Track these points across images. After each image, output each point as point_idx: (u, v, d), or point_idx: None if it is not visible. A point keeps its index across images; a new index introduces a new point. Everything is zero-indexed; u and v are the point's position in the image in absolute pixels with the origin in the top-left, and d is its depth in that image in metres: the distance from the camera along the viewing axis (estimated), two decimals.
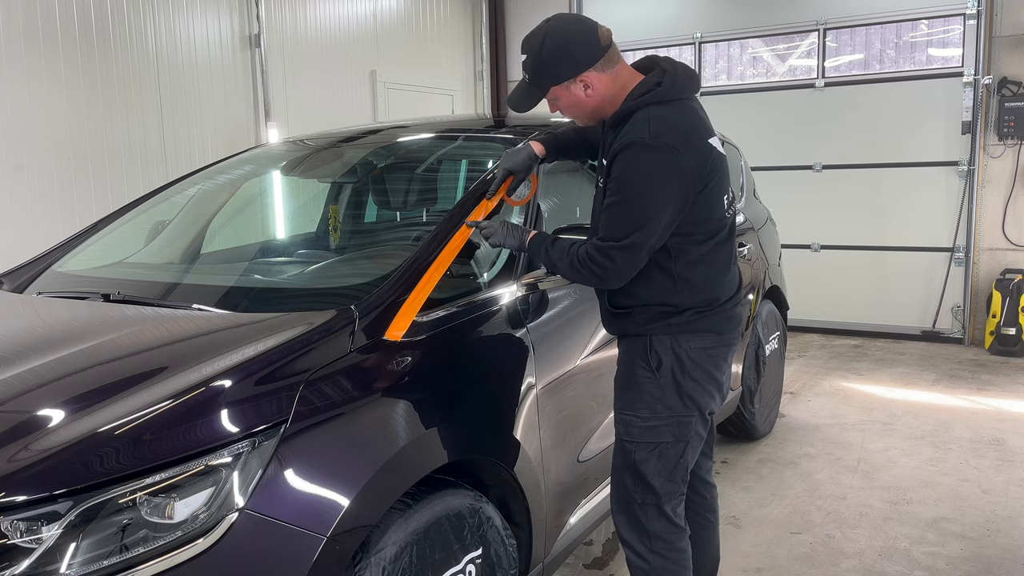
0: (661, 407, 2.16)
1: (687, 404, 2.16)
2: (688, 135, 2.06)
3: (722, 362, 2.22)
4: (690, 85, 2.14)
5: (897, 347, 6.60)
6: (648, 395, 2.17)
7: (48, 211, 4.64)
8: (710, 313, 2.17)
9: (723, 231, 2.19)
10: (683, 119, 2.08)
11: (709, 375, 2.18)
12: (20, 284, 2.72)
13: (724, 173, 2.17)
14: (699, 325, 2.15)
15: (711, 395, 2.21)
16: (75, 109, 4.77)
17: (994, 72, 6.23)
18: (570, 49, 2.10)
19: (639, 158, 2.01)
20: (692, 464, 2.26)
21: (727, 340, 2.23)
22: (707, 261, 2.15)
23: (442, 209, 3.04)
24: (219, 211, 3.34)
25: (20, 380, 1.84)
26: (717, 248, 2.17)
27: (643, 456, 2.19)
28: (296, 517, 1.66)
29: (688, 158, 2.02)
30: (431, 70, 7.66)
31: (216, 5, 5.59)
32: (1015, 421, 4.70)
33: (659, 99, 2.07)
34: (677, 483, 2.21)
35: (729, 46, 7.34)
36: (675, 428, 2.17)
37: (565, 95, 2.15)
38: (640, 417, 2.18)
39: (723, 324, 2.20)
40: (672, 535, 2.22)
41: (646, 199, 2.01)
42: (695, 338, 2.15)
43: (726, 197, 2.19)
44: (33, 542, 1.48)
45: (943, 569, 3.07)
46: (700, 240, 2.13)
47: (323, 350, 1.88)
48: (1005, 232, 6.38)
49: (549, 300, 2.54)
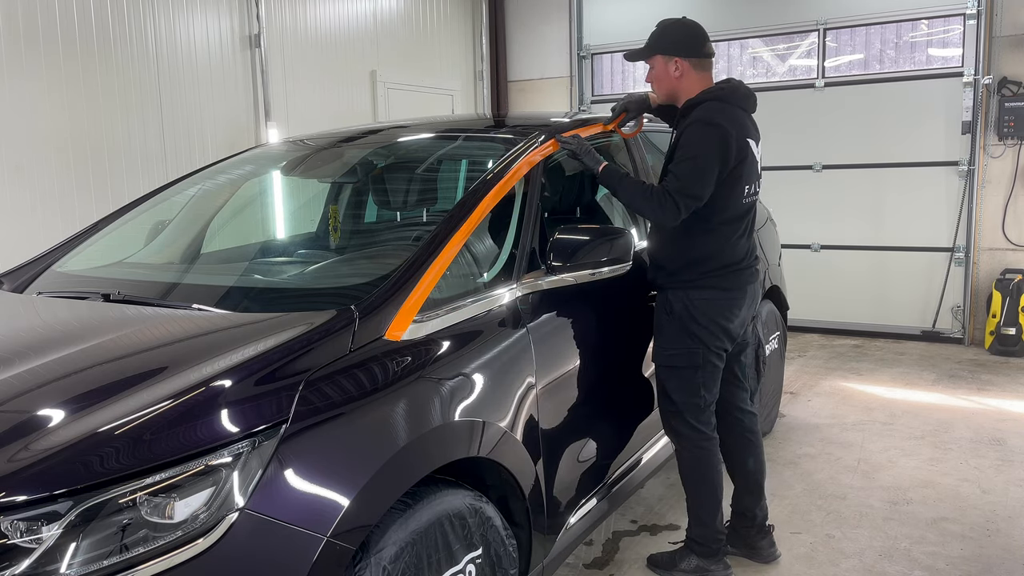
0: (676, 342, 2.86)
1: (694, 340, 2.83)
2: (733, 126, 2.73)
3: (726, 311, 2.85)
4: (746, 100, 2.88)
5: (897, 347, 6.60)
6: (667, 333, 2.88)
7: (48, 211, 4.64)
8: (713, 274, 2.83)
9: (738, 212, 2.82)
10: (733, 116, 2.78)
11: (712, 320, 2.83)
12: (20, 284, 2.72)
13: (752, 169, 2.83)
14: (704, 283, 2.83)
15: (716, 336, 2.84)
16: (75, 109, 4.77)
17: (994, 72, 6.23)
18: (686, 38, 2.86)
19: (698, 131, 2.72)
20: (711, 388, 2.90)
21: (730, 295, 2.86)
22: (718, 233, 2.82)
23: (442, 209, 3.04)
24: (219, 211, 3.34)
25: (20, 380, 1.84)
26: (729, 224, 2.82)
27: (665, 376, 2.91)
28: (296, 517, 1.66)
29: (730, 139, 2.71)
30: (431, 70, 7.66)
31: (216, 5, 5.59)
32: (1015, 421, 4.70)
33: (719, 98, 2.80)
34: (695, 399, 2.87)
35: (729, 46, 7.34)
36: (686, 357, 2.84)
37: (660, 66, 2.88)
38: (663, 348, 2.90)
39: (726, 281, 2.85)
40: (695, 437, 2.90)
41: (700, 160, 2.68)
42: (701, 292, 2.83)
43: (747, 188, 2.82)
44: (33, 542, 1.48)
45: (943, 569, 3.07)
46: (716, 216, 2.78)
47: (323, 350, 1.88)
48: (1005, 232, 6.38)
49: (549, 300, 2.54)
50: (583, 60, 8.07)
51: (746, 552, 3.14)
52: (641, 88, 7.86)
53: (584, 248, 2.44)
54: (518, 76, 8.41)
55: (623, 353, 3.02)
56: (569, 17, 8.03)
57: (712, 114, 2.73)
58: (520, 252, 2.51)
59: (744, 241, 2.89)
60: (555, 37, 8.14)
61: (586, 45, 8.03)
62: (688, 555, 3.01)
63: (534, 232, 2.59)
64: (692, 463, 2.94)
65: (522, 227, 2.56)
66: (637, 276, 3.03)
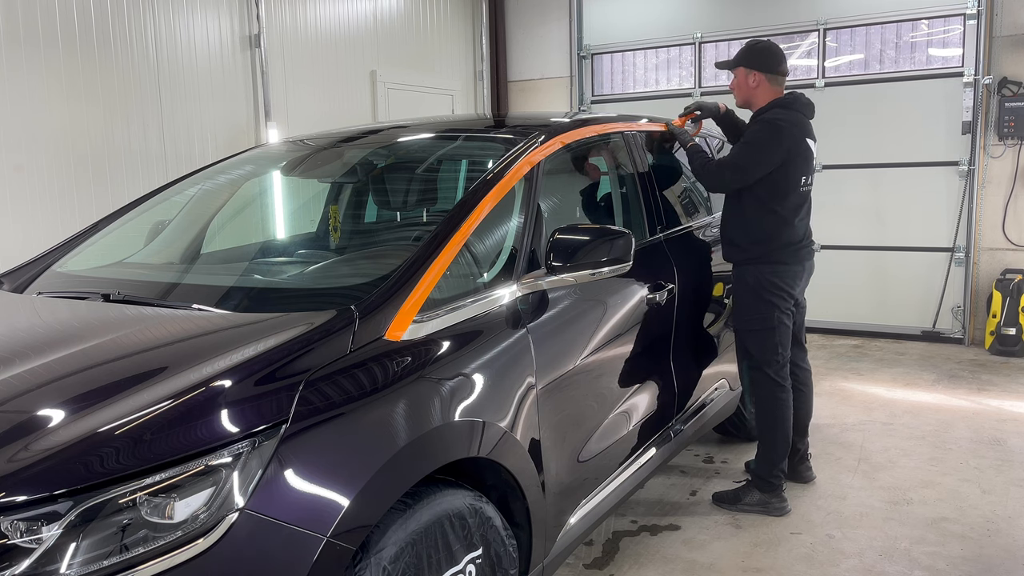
0: (752, 309, 3.52)
1: (767, 306, 3.49)
2: (792, 127, 3.41)
3: (790, 280, 3.51)
4: (806, 108, 3.54)
5: (897, 347, 6.60)
6: (745, 302, 3.55)
7: (48, 211, 4.64)
8: (779, 251, 3.48)
9: (797, 199, 3.48)
10: (794, 119, 3.44)
11: (779, 288, 3.49)
12: (20, 284, 2.72)
13: (808, 163, 3.49)
14: (772, 258, 3.49)
15: (783, 299, 3.50)
16: (75, 109, 4.77)
17: (994, 72, 6.23)
18: (765, 56, 3.56)
19: (760, 126, 3.45)
20: (783, 345, 3.53)
21: (792, 268, 3.52)
22: (780, 217, 3.45)
23: (442, 209, 3.04)
24: (219, 211, 3.34)
25: (20, 380, 1.83)
26: (789, 210, 3.46)
27: (746, 338, 3.57)
28: (296, 517, 1.65)
29: (788, 137, 3.38)
30: (431, 70, 7.66)
31: (216, 5, 5.59)
32: (1015, 421, 4.70)
33: (783, 105, 3.48)
34: (770, 354, 3.51)
35: (729, 46, 7.34)
36: (762, 320, 3.50)
37: (742, 76, 3.58)
38: (742, 314, 3.56)
39: (789, 257, 3.51)
40: (774, 388, 3.54)
41: (753, 146, 3.40)
42: (768, 267, 3.49)
43: (804, 178, 3.48)
44: (33, 542, 1.48)
45: (943, 569, 3.07)
46: (779, 202, 3.44)
47: (323, 350, 1.88)
48: (1005, 232, 6.38)
49: (549, 300, 2.54)
50: (583, 60, 8.07)
51: (789, 475, 3.70)
52: (640, 88, 7.88)
53: (584, 248, 2.44)
54: (518, 76, 8.41)
55: (623, 353, 3.02)
56: (569, 17, 8.04)
57: (775, 116, 3.42)
58: (520, 252, 2.50)
59: (802, 224, 3.55)
60: (555, 37, 8.14)
61: (586, 45, 8.03)
62: (751, 491, 3.59)
63: (534, 232, 2.58)
64: (769, 411, 3.56)
65: (522, 227, 2.56)
66: (637, 276, 3.03)
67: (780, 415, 3.53)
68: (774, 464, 3.54)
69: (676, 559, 3.19)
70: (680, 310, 3.32)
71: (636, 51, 7.89)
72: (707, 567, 3.12)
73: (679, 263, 3.37)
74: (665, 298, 3.17)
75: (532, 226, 2.58)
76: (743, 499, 3.58)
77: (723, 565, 3.14)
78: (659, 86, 7.80)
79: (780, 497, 3.55)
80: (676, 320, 3.30)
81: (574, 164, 3.40)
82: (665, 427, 3.29)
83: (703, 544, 3.31)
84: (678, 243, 3.47)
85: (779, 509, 3.53)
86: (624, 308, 2.97)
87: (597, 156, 3.44)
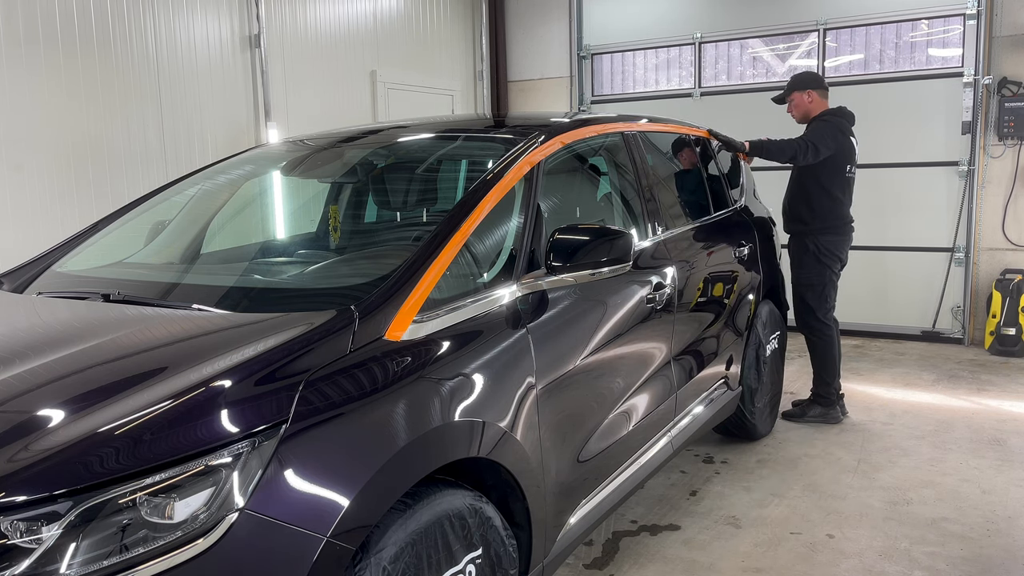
0: (812, 269, 4.63)
1: (823, 267, 4.60)
2: (840, 127, 4.54)
3: (842, 246, 4.64)
4: (849, 116, 4.63)
5: (897, 347, 6.60)
6: (806, 264, 4.65)
7: (48, 211, 4.64)
8: (833, 224, 4.59)
9: (846, 183, 4.59)
10: (840, 123, 4.55)
11: (832, 253, 4.61)
12: (20, 284, 2.72)
13: (852, 155, 4.59)
14: (828, 230, 4.59)
15: (835, 261, 4.64)
16: (75, 109, 4.77)
17: (994, 72, 6.23)
18: (812, 79, 4.70)
19: (818, 124, 4.55)
20: (834, 297, 4.68)
21: (842, 238, 4.64)
22: (834, 197, 4.56)
23: (442, 209, 3.04)
24: (219, 211, 3.34)
25: (20, 380, 1.83)
26: (840, 190, 4.57)
27: (805, 292, 4.67)
28: (296, 517, 1.65)
29: (837, 132, 4.50)
30: (431, 70, 7.66)
31: (216, 5, 5.59)
32: (1015, 421, 4.70)
33: (832, 114, 4.60)
34: (826, 304, 4.66)
35: (729, 46, 7.34)
36: (817, 277, 4.62)
37: (799, 98, 4.66)
38: (802, 274, 4.67)
39: (840, 230, 4.63)
40: (825, 329, 4.70)
41: (818, 133, 4.48)
42: (825, 237, 4.59)
43: (848, 166, 4.57)
44: (33, 542, 1.48)
45: (943, 569, 3.07)
46: (833, 184, 4.54)
47: (323, 350, 1.88)
48: (1005, 232, 6.38)
49: (549, 300, 2.54)
50: (583, 60, 8.07)
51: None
52: (640, 88, 7.88)
53: (584, 248, 2.44)
54: (518, 76, 8.41)
55: (623, 353, 3.02)
56: (569, 17, 8.04)
57: (826, 118, 4.54)
58: (520, 252, 2.50)
59: (848, 203, 4.62)
60: (555, 37, 8.14)
61: (586, 45, 8.03)
62: (813, 406, 4.75)
63: (534, 232, 2.58)
64: (823, 346, 4.71)
65: (522, 227, 2.56)
66: (637, 276, 3.03)
67: (830, 347, 4.68)
68: (828, 384, 4.70)
69: (676, 559, 3.19)
70: (680, 310, 3.32)
71: (636, 51, 7.89)
72: (707, 567, 3.12)
73: (679, 263, 3.37)
74: (665, 298, 3.17)
75: (532, 226, 2.58)
76: (807, 412, 4.72)
77: (723, 565, 3.14)
78: (659, 86, 7.81)
79: (835, 409, 4.70)
80: (676, 320, 3.30)
81: (574, 164, 3.40)
82: (665, 427, 3.29)
83: (703, 544, 3.31)
84: (678, 243, 3.47)
85: (836, 418, 4.69)
86: (624, 308, 2.97)
87: (597, 156, 3.44)
